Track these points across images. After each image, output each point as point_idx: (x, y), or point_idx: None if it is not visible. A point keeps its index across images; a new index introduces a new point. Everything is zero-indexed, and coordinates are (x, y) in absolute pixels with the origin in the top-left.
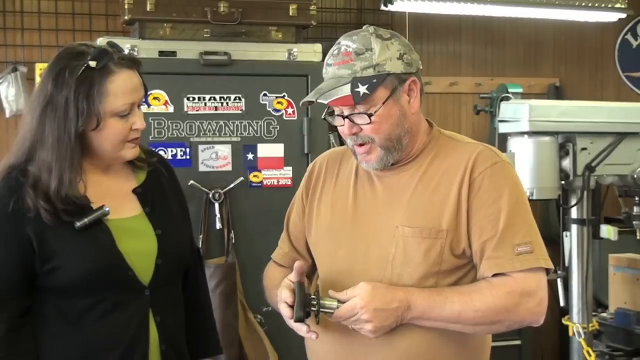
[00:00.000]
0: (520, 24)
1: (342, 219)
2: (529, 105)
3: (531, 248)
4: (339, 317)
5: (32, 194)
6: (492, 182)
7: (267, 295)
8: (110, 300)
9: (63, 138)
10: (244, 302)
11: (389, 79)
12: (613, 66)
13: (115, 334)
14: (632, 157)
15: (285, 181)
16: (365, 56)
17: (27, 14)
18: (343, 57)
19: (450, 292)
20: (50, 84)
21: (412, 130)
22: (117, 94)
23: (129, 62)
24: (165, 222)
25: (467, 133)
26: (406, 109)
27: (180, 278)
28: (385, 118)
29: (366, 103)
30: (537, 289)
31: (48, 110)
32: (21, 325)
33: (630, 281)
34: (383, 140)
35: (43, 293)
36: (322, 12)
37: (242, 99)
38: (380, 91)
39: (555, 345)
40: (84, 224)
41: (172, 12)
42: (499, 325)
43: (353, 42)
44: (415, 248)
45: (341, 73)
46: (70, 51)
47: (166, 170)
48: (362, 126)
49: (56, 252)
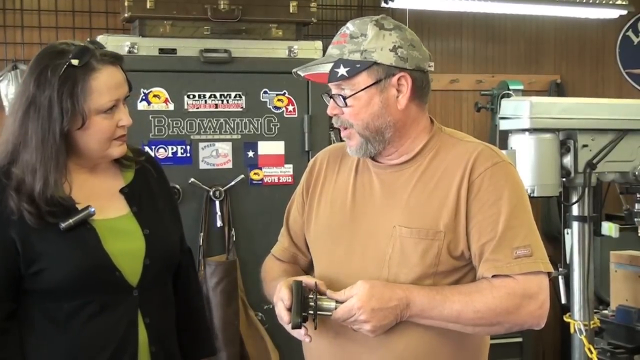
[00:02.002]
0: (521, 20)
1: (340, 216)
2: (530, 102)
3: (530, 251)
4: (336, 319)
5: (15, 196)
6: (492, 183)
7: (265, 288)
8: (98, 302)
9: (48, 139)
10: (245, 300)
11: (374, 68)
12: (614, 63)
13: (104, 336)
14: (634, 154)
15: (286, 179)
16: (358, 40)
17: (27, 11)
18: (339, 37)
19: (450, 292)
20: (32, 84)
21: (398, 126)
22: (102, 91)
23: (112, 58)
24: (153, 221)
25: (468, 130)
26: (391, 103)
27: (170, 278)
28: (363, 106)
29: (345, 86)
30: (539, 291)
31: (31, 112)
32: (7, 329)
33: (632, 278)
34: (361, 128)
35: (29, 296)
36: (322, 9)
37: (242, 97)
38: (361, 77)
39: (557, 342)
40: (69, 225)
41: (172, 9)
42: (499, 327)
43: (353, 25)
44: (412, 249)
45: (332, 52)
46: (51, 50)
47: (154, 169)
48: (343, 109)
49: (41, 254)
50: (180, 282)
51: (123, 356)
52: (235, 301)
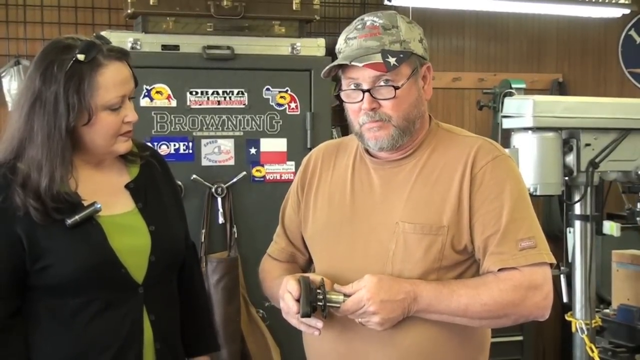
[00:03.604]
0: (523, 19)
1: (339, 214)
2: (533, 101)
3: (534, 243)
4: (345, 310)
5: (21, 192)
6: (494, 176)
7: (265, 287)
8: (103, 299)
9: (53, 135)
10: (247, 297)
11: (413, 58)
12: (616, 62)
13: (109, 333)
14: (636, 153)
15: (288, 176)
16: (392, 32)
17: (30, 7)
18: (370, 29)
19: (457, 285)
20: (38, 79)
21: (424, 116)
22: (108, 87)
23: (118, 54)
24: (159, 217)
25: (470, 128)
26: (421, 93)
27: (175, 275)
28: (406, 96)
29: (393, 76)
30: (544, 282)
31: (37, 107)
32: (12, 326)
33: (633, 277)
34: (401, 119)
35: (34, 292)
36: (325, 7)
37: (245, 94)
38: (404, 67)
39: (558, 341)
40: (74, 221)
41: (175, 5)
42: (506, 320)
43: (379, 18)
44: (416, 245)
45: (369, 44)
46: (57, 45)
47: (160, 165)
48: (382, 102)
49: (47, 250)
50: (185, 278)
51: (128, 353)
52: (237, 298)
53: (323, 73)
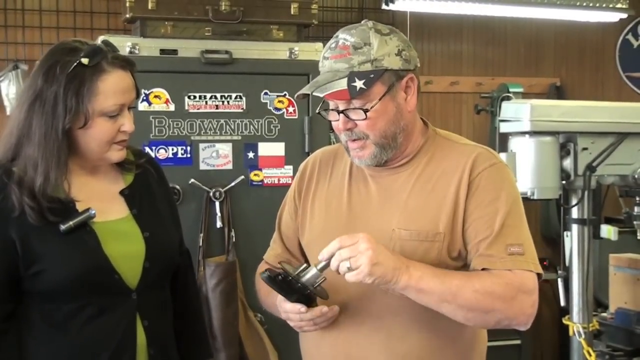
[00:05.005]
0: (521, 23)
1: (336, 220)
2: (531, 105)
3: (523, 250)
4: (334, 249)
5: (17, 191)
6: (490, 182)
7: (261, 297)
8: (97, 304)
9: (50, 134)
10: (244, 301)
11: (386, 75)
12: (614, 66)
13: (102, 339)
14: (633, 157)
15: (286, 180)
16: (363, 51)
17: (28, 11)
18: (341, 50)
19: (451, 271)
20: (41, 78)
21: (408, 129)
22: (108, 94)
23: (123, 63)
24: (153, 224)
25: (468, 132)
26: (402, 106)
27: (168, 281)
28: (381, 114)
29: (362, 98)
30: (533, 290)
31: (36, 105)
32: (4, 331)
33: (631, 281)
34: (378, 137)
35: (27, 297)
36: (323, 11)
37: (243, 98)
38: (377, 87)
39: (555, 345)
40: (69, 227)
41: (174, 10)
42: (491, 316)
43: (351, 35)
44: (412, 251)
45: (338, 67)
46: (63, 47)
47: (155, 171)
48: (357, 122)
49: (41, 255)
50: (179, 284)
51: (122, 358)
52: (235, 302)
53: (296, 96)
